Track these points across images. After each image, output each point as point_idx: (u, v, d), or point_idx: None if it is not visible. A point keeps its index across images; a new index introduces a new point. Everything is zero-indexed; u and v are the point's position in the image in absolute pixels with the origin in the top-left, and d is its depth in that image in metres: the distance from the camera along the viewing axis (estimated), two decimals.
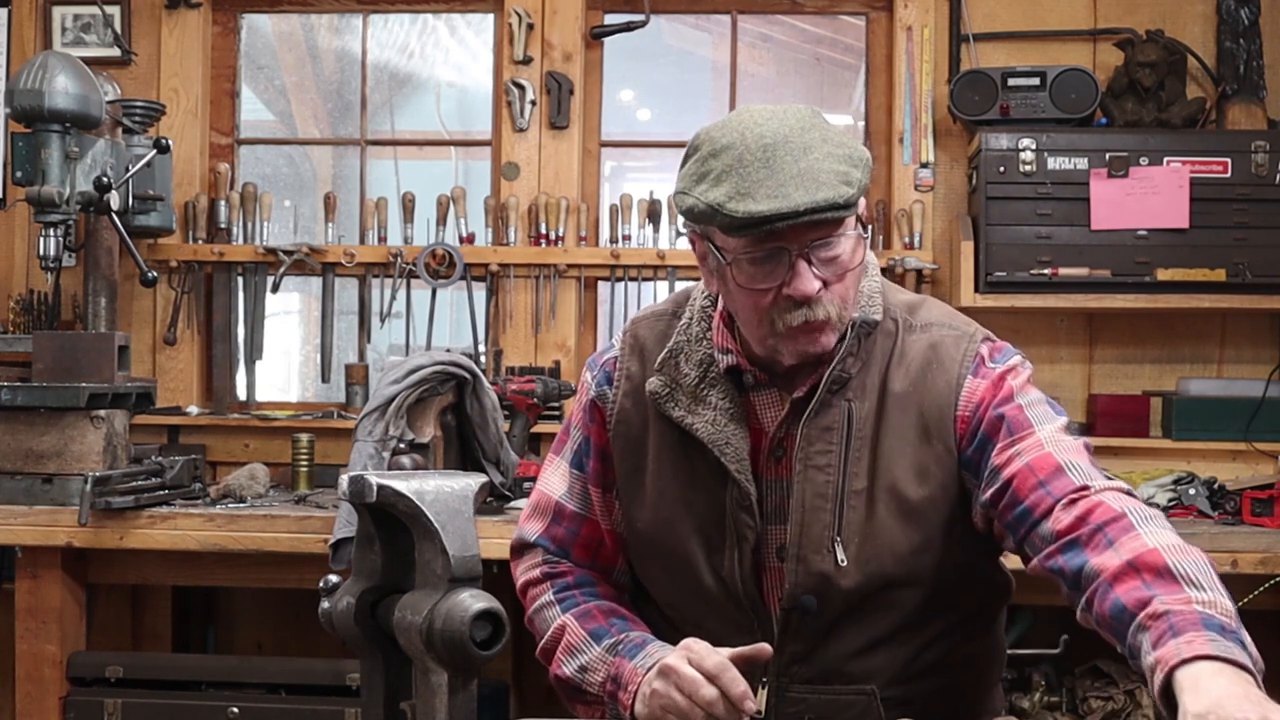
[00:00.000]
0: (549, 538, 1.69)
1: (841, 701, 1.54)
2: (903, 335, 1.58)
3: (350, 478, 1.21)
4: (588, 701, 1.59)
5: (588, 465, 1.68)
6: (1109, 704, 2.94)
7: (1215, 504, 2.88)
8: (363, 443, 2.59)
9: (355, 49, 3.92)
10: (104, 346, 2.85)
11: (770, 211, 1.40)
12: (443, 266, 3.47)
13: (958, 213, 3.39)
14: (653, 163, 4.62)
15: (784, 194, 1.40)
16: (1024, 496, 1.44)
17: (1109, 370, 3.41)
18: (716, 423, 1.55)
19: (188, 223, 3.56)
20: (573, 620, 1.61)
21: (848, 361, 1.54)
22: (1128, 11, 3.41)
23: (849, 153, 1.45)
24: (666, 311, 1.69)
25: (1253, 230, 3.08)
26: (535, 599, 1.68)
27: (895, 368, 1.56)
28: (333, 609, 1.27)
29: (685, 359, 1.60)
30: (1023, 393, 1.53)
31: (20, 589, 2.78)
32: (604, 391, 1.66)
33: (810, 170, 1.41)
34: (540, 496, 1.72)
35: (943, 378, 1.55)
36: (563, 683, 1.60)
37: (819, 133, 1.45)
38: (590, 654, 1.56)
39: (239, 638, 3.65)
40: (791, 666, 1.55)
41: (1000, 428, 1.50)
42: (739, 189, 1.42)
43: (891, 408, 1.54)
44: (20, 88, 2.78)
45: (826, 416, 1.53)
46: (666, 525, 1.59)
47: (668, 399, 1.58)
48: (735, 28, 3.67)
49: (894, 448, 1.53)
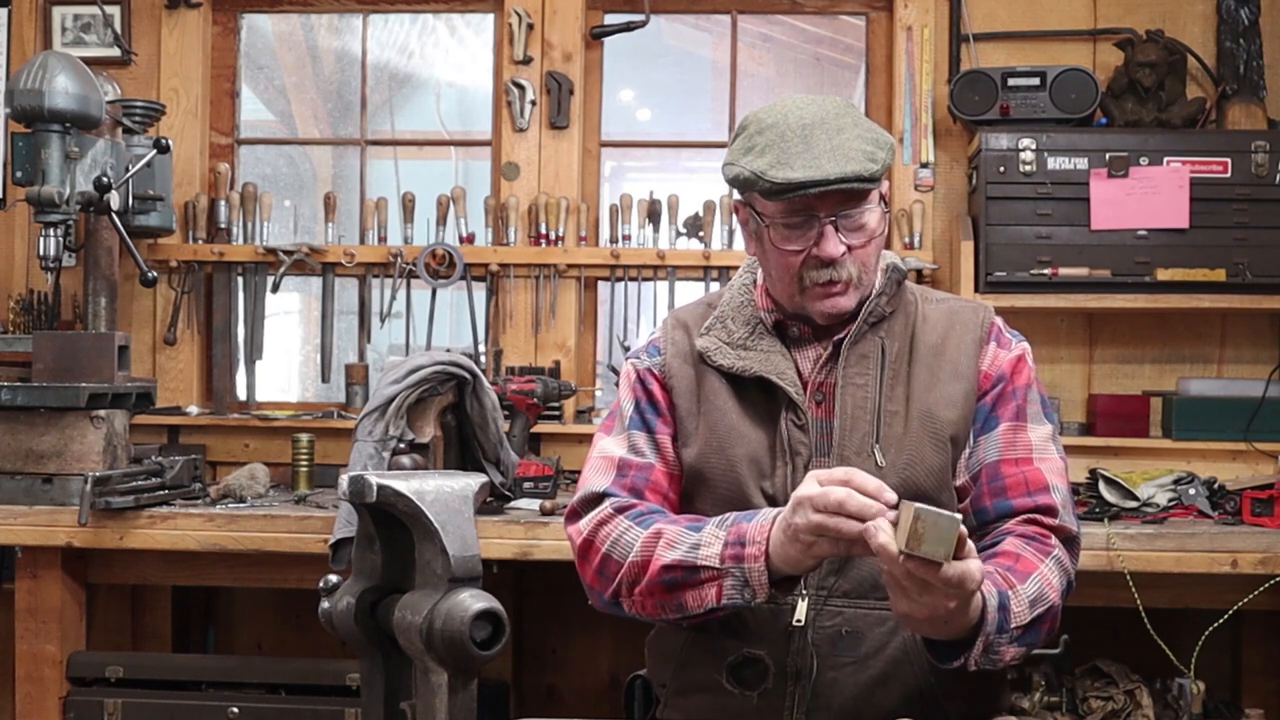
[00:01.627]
0: (619, 487, 1.76)
1: (874, 617, 1.65)
2: (921, 304, 1.80)
3: (350, 478, 1.21)
4: (700, 582, 1.58)
5: (655, 421, 1.80)
6: (1109, 704, 2.94)
7: (1215, 504, 2.88)
8: (363, 443, 2.59)
9: (355, 49, 3.92)
10: (104, 346, 2.85)
11: (804, 179, 1.61)
12: (443, 266, 3.47)
13: (958, 213, 3.39)
14: (653, 163, 4.61)
15: (818, 165, 1.62)
16: (1012, 496, 1.69)
17: (1109, 370, 3.41)
18: (769, 360, 1.74)
19: (188, 223, 3.56)
20: (665, 524, 1.65)
21: (881, 300, 1.75)
22: (1128, 11, 3.41)
23: (876, 136, 1.67)
24: (702, 302, 1.90)
25: (1253, 230, 3.08)
26: (610, 535, 1.68)
27: (921, 324, 1.77)
28: (333, 609, 1.27)
29: (732, 320, 1.79)
30: (1033, 387, 1.76)
31: (20, 589, 2.78)
32: (655, 360, 1.83)
33: (841, 147, 1.63)
34: (601, 460, 1.80)
35: (967, 335, 1.76)
36: (670, 571, 1.60)
37: (851, 118, 1.67)
38: (701, 533, 1.60)
39: (239, 638, 3.65)
40: (829, 578, 1.65)
41: (1010, 406, 1.73)
42: (779, 160, 1.64)
43: (920, 351, 1.74)
44: (20, 88, 2.77)
45: (863, 346, 1.73)
46: (718, 454, 1.72)
47: (717, 351, 1.76)
48: (735, 28, 3.67)
49: (925, 381, 1.72)
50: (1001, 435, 1.71)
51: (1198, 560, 2.59)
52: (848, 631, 1.65)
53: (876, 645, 1.65)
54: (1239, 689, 3.24)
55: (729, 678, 1.67)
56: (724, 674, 1.67)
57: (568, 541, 1.79)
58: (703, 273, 3.47)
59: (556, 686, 3.59)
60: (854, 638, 1.65)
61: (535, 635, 3.56)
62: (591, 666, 3.56)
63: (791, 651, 1.65)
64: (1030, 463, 1.70)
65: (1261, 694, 3.23)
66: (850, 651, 1.64)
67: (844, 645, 1.65)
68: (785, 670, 1.65)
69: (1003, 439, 1.71)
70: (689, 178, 4.41)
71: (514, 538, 2.65)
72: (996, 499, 1.69)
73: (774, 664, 1.65)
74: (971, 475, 1.72)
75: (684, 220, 3.51)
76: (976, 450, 1.72)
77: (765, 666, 1.65)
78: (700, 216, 3.49)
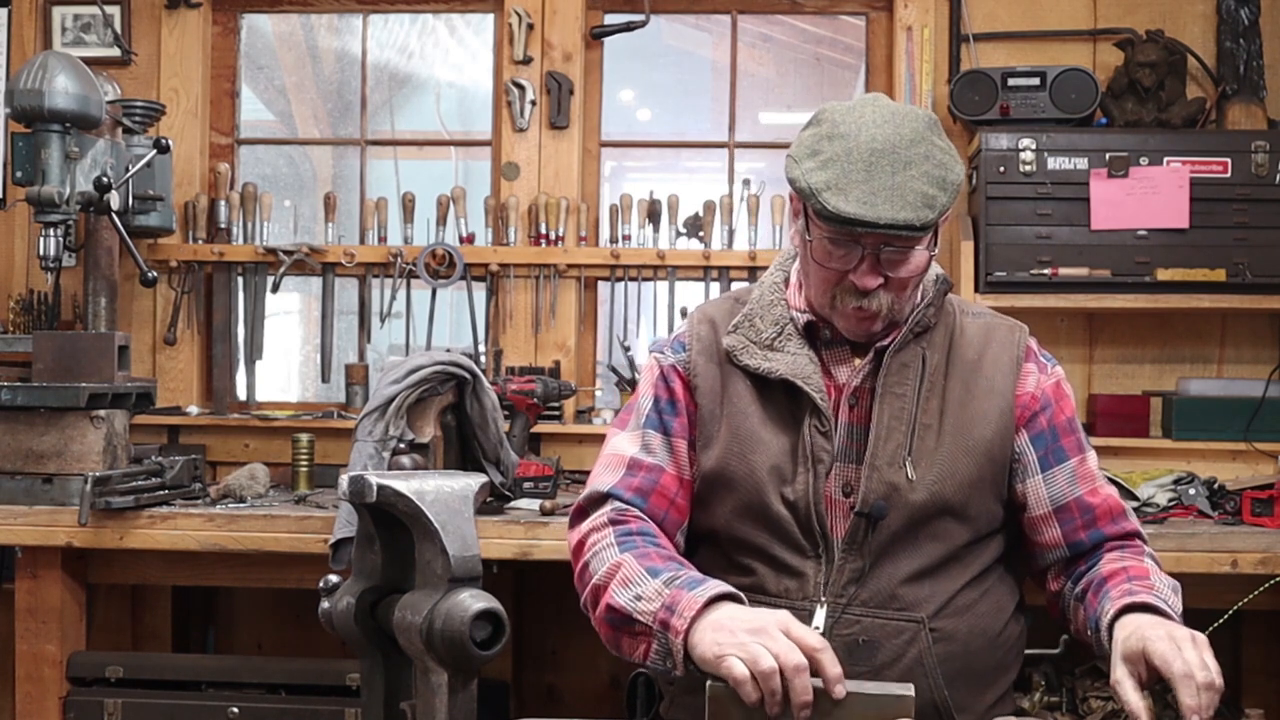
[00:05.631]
0: (624, 487, 1.75)
1: (891, 627, 1.66)
2: (959, 317, 1.81)
3: (350, 478, 1.21)
4: (635, 633, 1.59)
5: (672, 423, 1.80)
6: (1109, 704, 2.94)
7: (1215, 504, 2.88)
8: (363, 443, 2.59)
9: (355, 49, 3.92)
10: (104, 346, 2.84)
11: (854, 215, 1.59)
12: (443, 266, 3.47)
13: (958, 213, 3.39)
14: (653, 163, 4.61)
15: (872, 203, 1.59)
16: (1102, 525, 1.77)
17: (1109, 370, 3.41)
18: (796, 363, 1.73)
19: (188, 223, 3.56)
20: (631, 558, 1.64)
21: (929, 311, 1.75)
22: (1128, 11, 3.41)
23: (943, 175, 1.63)
24: (730, 297, 1.90)
25: (1253, 230, 3.08)
26: (594, 545, 1.70)
27: (959, 337, 1.78)
28: (333, 609, 1.27)
29: (760, 319, 1.78)
30: (1075, 413, 1.83)
31: (20, 589, 2.78)
32: (680, 357, 1.83)
33: (901, 187, 1.60)
34: (612, 457, 1.80)
35: (1004, 353, 1.78)
36: (613, 612, 1.61)
37: (924, 149, 1.63)
38: (647, 586, 1.59)
39: (239, 638, 3.65)
40: (848, 587, 1.67)
41: (1073, 439, 1.79)
42: (838, 183, 1.61)
43: (957, 364, 1.76)
44: (20, 88, 2.77)
45: (905, 355, 1.73)
46: (739, 459, 1.72)
47: (743, 351, 1.76)
48: (735, 28, 3.67)
49: (960, 396, 1.74)
50: (1076, 469, 1.77)
51: (1198, 560, 2.59)
52: (864, 640, 1.65)
53: (892, 655, 1.66)
54: (1239, 689, 3.24)
55: None
56: None
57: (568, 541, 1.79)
58: (703, 273, 3.47)
59: (556, 686, 3.59)
60: (870, 647, 1.65)
61: (535, 635, 3.56)
62: (591, 666, 3.56)
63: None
64: (1100, 492, 1.78)
65: (1261, 694, 3.23)
66: (866, 661, 1.65)
67: (860, 654, 1.65)
68: None
69: (1078, 472, 1.77)
70: (689, 178, 4.42)
71: (514, 538, 2.65)
72: (1089, 530, 1.76)
73: None
74: (1055, 508, 1.76)
75: (684, 220, 3.51)
76: (1054, 483, 1.76)
77: None
78: (700, 216, 3.49)
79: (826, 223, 1.62)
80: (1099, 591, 1.64)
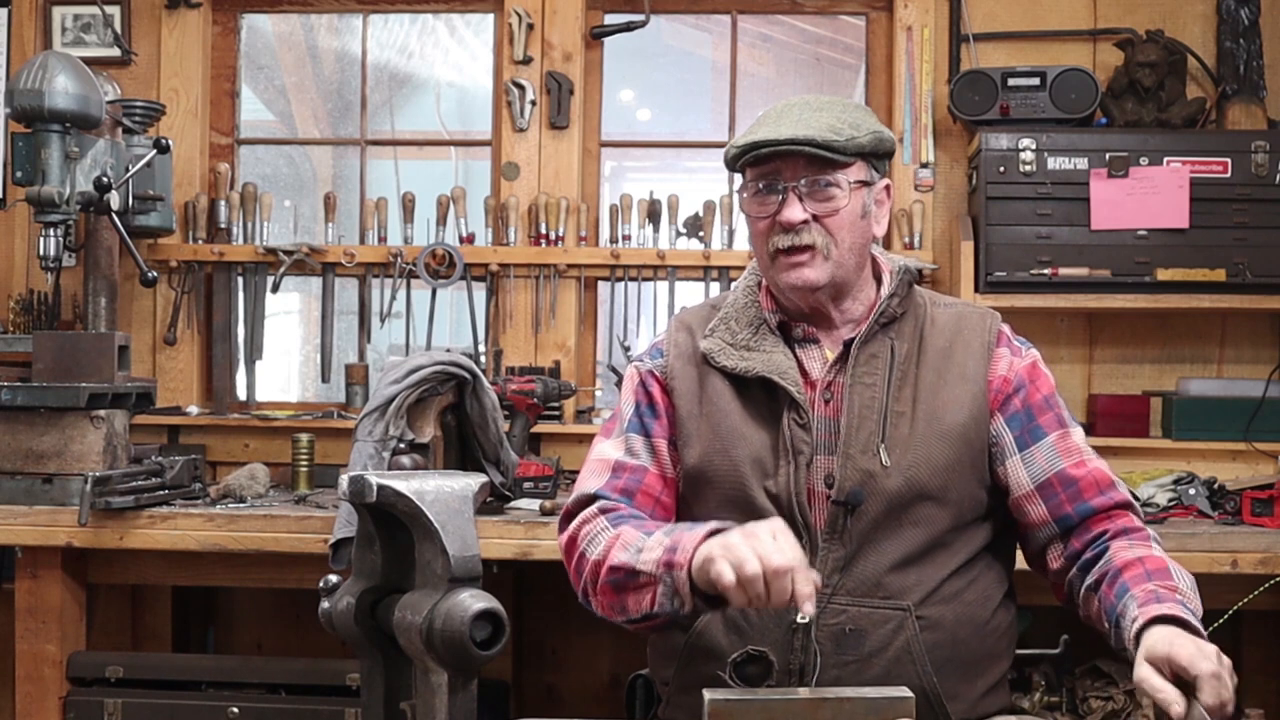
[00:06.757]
0: (610, 489, 1.78)
1: (878, 616, 1.67)
2: (930, 308, 1.82)
3: (350, 478, 1.21)
4: (639, 586, 1.61)
5: (653, 425, 1.82)
6: (1109, 704, 2.94)
7: (1215, 504, 2.88)
8: (363, 443, 2.59)
9: (355, 49, 3.92)
10: (104, 346, 2.84)
11: (760, 139, 1.68)
12: (443, 266, 3.47)
13: (958, 213, 3.39)
14: (653, 163, 4.62)
15: (778, 130, 1.68)
16: (1089, 497, 1.73)
17: (1109, 370, 3.41)
18: (772, 360, 1.75)
19: (188, 223, 3.56)
20: (628, 528, 1.68)
21: (893, 301, 1.78)
22: (1128, 11, 3.41)
23: (857, 120, 1.72)
24: (707, 304, 1.93)
25: (1253, 230, 3.08)
26: (588, 534, 1.73)
27: (929, 326, 1.79)
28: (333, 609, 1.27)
29: (735, 321, 1.81)
30: (1056, 391, 1.82)
31: (20, 589, 2.78)
32: (658, 362, 1.86)
33: (810, 119, 1.69)
34: (596, 463, 1.83)
35: (975, 339, 1.79)
36: (615, 572, 1.64)
37: (842, 105, 1.74)
38: (647, 541, 1.62)
39: (239, 638, 3.65)
40: (834, 575, 1.68)
41: (1050, 415, 1.77)
42: (752, 129, 1.72)
43: (929, 352, 1.77)
44: (20, 88, 2.77)
45: (874, 346, 1.76)
46: (721, 455, 1.74)
47: (721, 353, 1.78)
48: (735, 28, 3.67)
49: (932, 383, 1.75)
50: (1056, 444, 1.76)
51: (1198, 560, 2.58)
52: (851, 630, 1.67)
53: (879, 644, 1.67)
54: (1239, 689, 3.24)
55: (732, 675, 1.68)
56: (727, 671, 1.68)
57: None
58: (703, 273, 3.47)
59: (556, 686, 3.59)
60: (857, 636, 1.66)
61: (535, 635, 3.56)
62: (591, 666, 3.56)
63: (795, 649, 1.66)
64: (1087, 464, 1.75)
65: (1261, 694, 3.23)
66: (853, 650, 1.66)
67: (847, 644, 1.66)
68: (788, 668, 1.66)
69: (1059, 447, 1.75)
70: (689, 178, 4.41)
71: (514, 538, 2.65)
72: (1076, 503, 1.74)
73: (777, 661, 1.66)
74: (1038, 485, 1.74)
75: (684, 220, 3.50)
76: (1033, 461, 1.75)
77: (769, 664, 1.67)
78: (700, 216, 3.49)
79: (741, 160, 1.71)
80: (1114, 584, 1.62)
